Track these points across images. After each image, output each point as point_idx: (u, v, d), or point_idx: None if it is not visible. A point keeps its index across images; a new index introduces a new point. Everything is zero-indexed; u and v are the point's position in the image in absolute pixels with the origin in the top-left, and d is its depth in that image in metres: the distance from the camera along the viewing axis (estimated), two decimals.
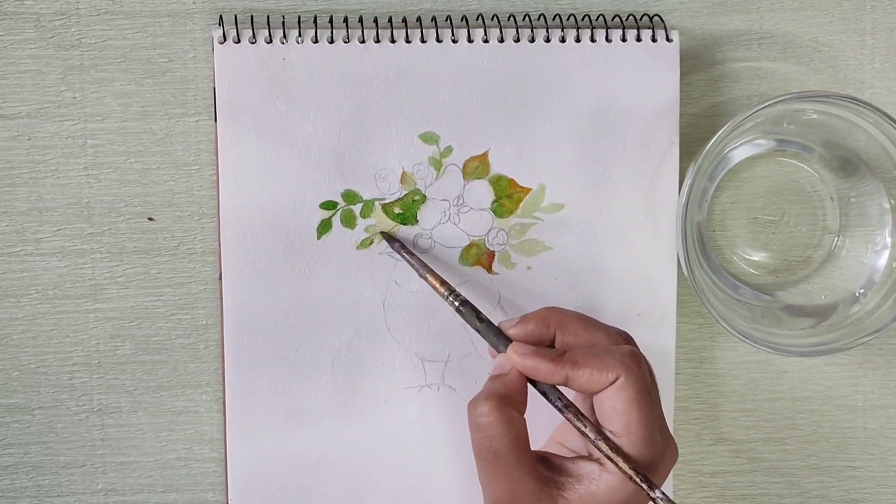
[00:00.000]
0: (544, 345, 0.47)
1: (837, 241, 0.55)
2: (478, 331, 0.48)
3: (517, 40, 0.52)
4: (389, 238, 0.52)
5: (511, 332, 0.47)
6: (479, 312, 0.49)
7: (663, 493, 0.44)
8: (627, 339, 0.48)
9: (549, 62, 0.52)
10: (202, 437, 0.54)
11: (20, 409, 0.54)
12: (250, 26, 0.51)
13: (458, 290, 0.50)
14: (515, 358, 0.46)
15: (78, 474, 0.54)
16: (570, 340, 0.47)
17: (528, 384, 0.47)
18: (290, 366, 0.52)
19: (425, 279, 0.50)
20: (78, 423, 0.54)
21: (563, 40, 0.52)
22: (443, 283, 0.50)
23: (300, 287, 0.52)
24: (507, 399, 0.45)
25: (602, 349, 0.46)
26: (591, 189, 0.53)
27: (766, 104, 0.49)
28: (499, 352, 0.48)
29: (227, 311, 0.52)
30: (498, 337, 0.48)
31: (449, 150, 0.52)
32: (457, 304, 0.49)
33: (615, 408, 0.44)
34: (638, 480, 0.44)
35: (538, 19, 0.53)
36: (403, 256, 0.52)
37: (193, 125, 0.53)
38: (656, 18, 0.53)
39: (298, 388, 0.52)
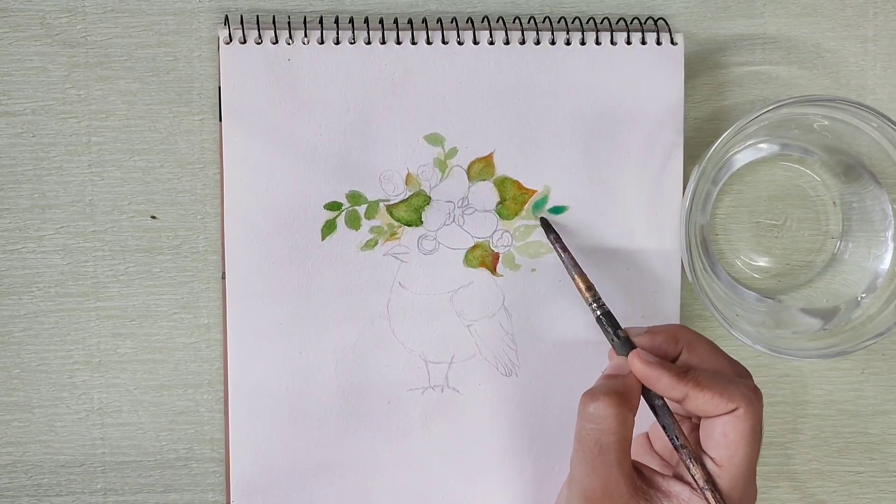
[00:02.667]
0: (668, 360, 0.47)
1: (840, 245, 0.56)
2: (612, 344, 0.48)
3: (522, 42, 0.52)
4: (547, 227, 0.52)
5: (638, 340, 0.48)
6: (619, 326, 0.49)
7: None
8: (748, 375, 0.48)
9: (554, 65, 0.52)
10: (203, 437, 0.54)
11: (20, 407, 0.53)
12: (256, 26, 0.51)
13: (598, 296, 0.50)
14: (637, 364, 0.46)
15: (77, 473, 0.54)
16: (695, 362, 0.47)
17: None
18: (293, 367, 0.52)
19: (573, 279, 0.50)
20: (78, 421, 0.53)
21: (568, 43, 0.52)
22: (589, 287, 0.50)
23: (304, 288, 0.52)
24: (626, 399, 0.46)
25: (725, 377, 0.46)
26: (596, 191, 0.53)
27: (770, 108, 0.49)
28: (619, 353, 0.48)
29: (230, 311, 0.52)
30: (625, 344, 0.48)
31: (454, 151, 0.53)
32: (598, 312, 0.49)
33: (727, 436, 0.45)
34: None
35: (543, 22, 0.53)
36: (557, 251, 0.51)
37: (198, 124, 0.53)
38: (661, 22, 0.53)
39: (302, 389, 0.52)
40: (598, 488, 0.45)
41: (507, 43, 0.52)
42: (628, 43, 0.53)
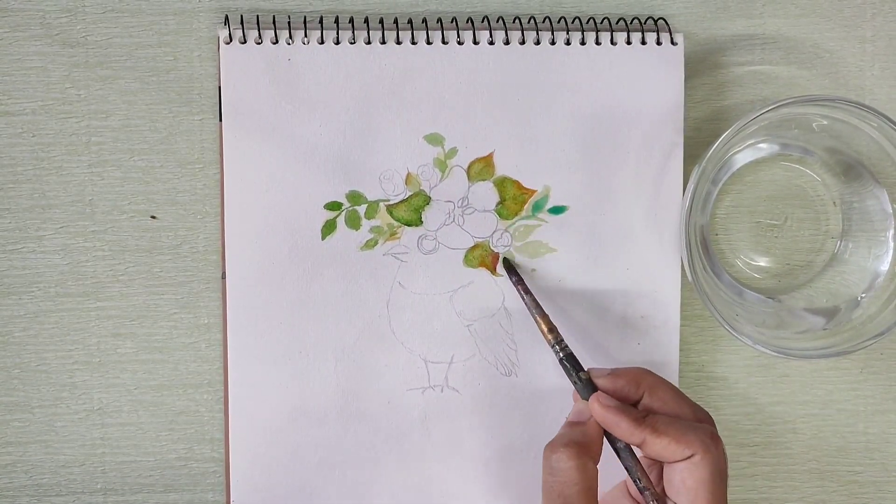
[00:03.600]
0: (629, 403, 0.48)
1: (840, 245, 0.56)
2: (574, 386, 0.49)
3: (522, 42, 0.52)
4: (510, 268, 0.52)
5: (600, 382, 0.48)
6: (581, 368, 0.49)
7: None
8: (708, 420, 0.48)
9: (554, 65, 0.52)
10: (203, 437, 0.54)
11: (20, 407, 0.53)
12: (256, 26, 0.51)
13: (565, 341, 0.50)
14: (597, 408, 0.47)
15: (77, 473, 0.54)
16: (657, 406, 0.47)
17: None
18: (293, 366, 0.52)
19: (535, 319, 0.51)
20: (78, 421, 0.53)
21: (567, 43, 0.53)
22: (551, 329, 0.50)
23: (304, 288, 0.52)
24: (586, 448, 0.46)
25: (684, 423, 0.46)
26: (596, 191, 0.53)
27: (770, 108, 0.50)
28: (583, 398, 0.48)
29: (230, 310, 0.52)
30: (587, 386, 0.48)
31: (454, 151, 0.53)
32: (561, 355, 0.49)
33: (685, 483, 0.45)
34: None
35: (543, 22, 0.53)
36: (520, 293, 0.51)
37: (198, 123, 0.53)
38: (661, 22, 0.53)
39: (302, 389, 0.52)
40: None
41: (507, 43, 0.52)
42: (628, 43, 0.53)
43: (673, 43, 0.53)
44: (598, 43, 0.53)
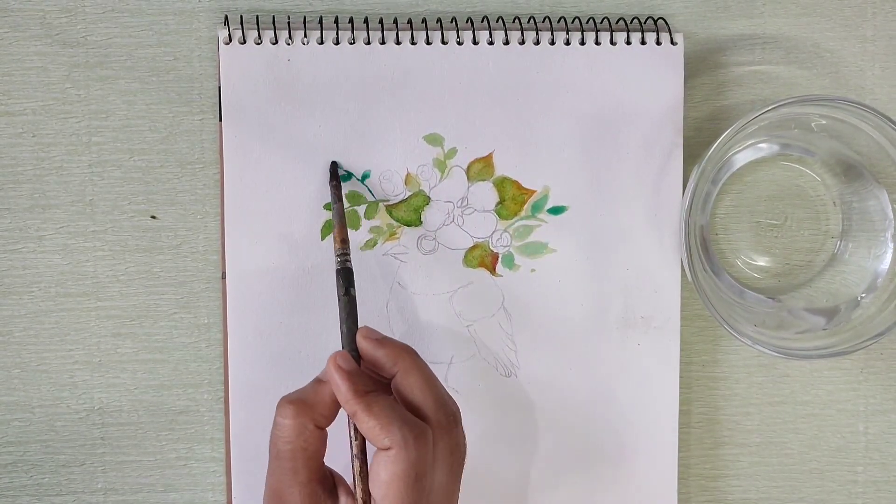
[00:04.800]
0: (384, 376, 0.46)
1: (840, 245, 0.56)
2: (338, 303, 0.47)
3: (522, 43, 0.52)
4: (334, 171, 0.51)
5: (362, 342, 0.47)
6: (351, 286, 0.48)
7: None
8: (451, 418, 0.46)
9: (554, 65, 0.52)
10: (203, 437, 0.54)
11: (21, 406, 0.53)
12: (256, 27, 0.51)
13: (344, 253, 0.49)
14: (330, 363, 0.46)
15: (78, 473, 0.54)
16: (403, 389, 0.46)
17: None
18: (293, 366, 0.52)
19: (335, 230, 0.50)
20: (78, 421, 0.54)
21: (567, 43, 0.52)
22: (343, 240, 0.49)
23: (304, 288, 0.52)
24: (310, 408, 0.45)
25: (401, 413, 0.44)
26: (595, 191, 0.53)
27: (770, 108, 0.49)
28: (342, 347, 0.47)
29: (230, 310, 0.52)
30: (349, 329, 0.47)
31: (453, 151, 0.53)
32: (338, 266, 0.48)
33: (378, 474, 0.44)
34: None
35: (543, 22, 0.53)
36: (332, 196, 0.50)
37: (198, 123, 0.53)
38: (660, 22, 0.53)
39: None
40: (273, 490, 0.45)
41: (506, 43, 0.52)
42: (628, 43, 0.53)
43: (673, 43, 0.53)
44: (597, 43, 0.52)
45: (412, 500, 0.43)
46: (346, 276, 0.48)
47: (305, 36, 0.51)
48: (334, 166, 0.51)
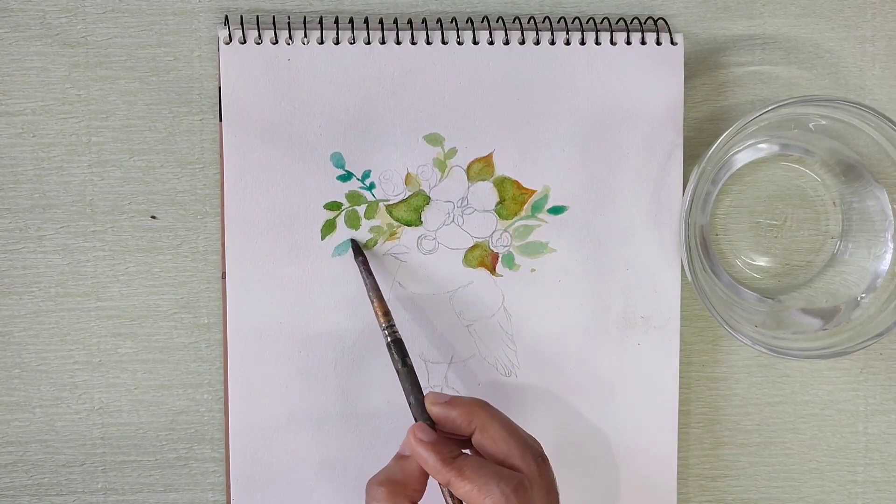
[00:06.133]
0: (463, 434, 0.47)
1: (840, 245, 0.56)
2: (397, 374, 0.48)
3: (522, 42, 0.52)
4: (357, 248, 0.52)
5: (432, 409, 0.47)
6: (407, 356, 0.49)
7: None
8: (539, 460, 0.46)
9: (554, 65, 0.52)
10: (203, 437, 0.54)
11: (21, 406, 0.53)
12: (256, 27, 0.51)
13: (395, 324, 0.50)
14: (412, 440, 0.46)
15: (78, 473, 0.54)
16: (486, 444, 0.46)
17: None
18: (293, 366, 0.52)
19: (371, 301, 0.50)
20: (78, 421, 0.54)
21: (567, 43, 0.52)
22: (386, 313, 0.50)
23: (304, 288, 0.52)
24: (401, 486, 0.46)
25: (493, 470, 0.45)
26: (595, 191, 0.53)
27: (770, 108, 0.49)
28: (414, 419, 0.48)
29: (230, 310, 0.52)
30: (418, 399, 0.48)
31: (453, 151, 0.53)
32: (389, 339, 0.49)
33: None
34: None
35: (543, 22, 0.53)
36: (361, 272, 0.51)
37: (198, 124, 0.53)
38: (661, 22, 0.53)
39: (301, 389, 0.52)
40: None
41: (506, 43, 0.52)
42: (628, 43, 0.53)
43: (673, 43, 0.53)
44: (597, 43, 0.52)
45: None
46: (399, 349, 0.49)
47: (305, 36, 0.51)
48: (356, 244, 0.52)
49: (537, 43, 0.52)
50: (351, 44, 0.52)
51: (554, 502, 0.46)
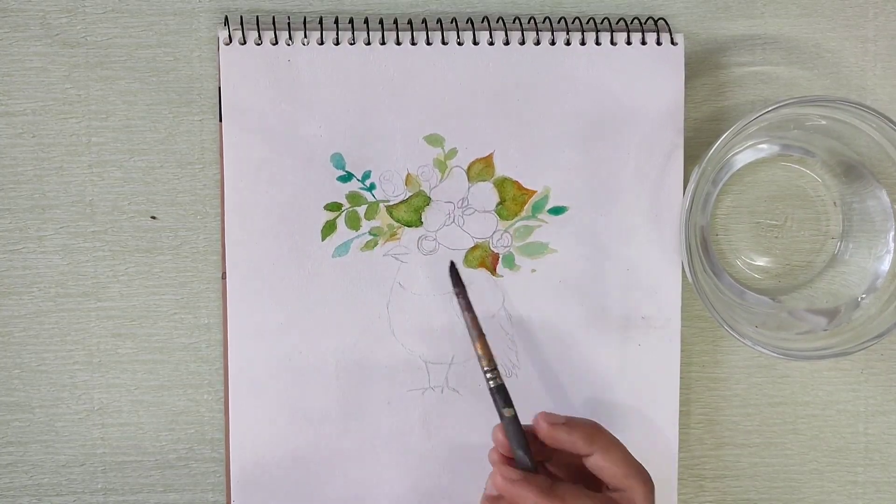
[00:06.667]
0: (576, 454, 0.47)
1: (840, 245, 0.56)
2: (501, 420, 0.48)
3: (522, 43, 0.52)
4: (455, 275, 0.50)
5: (548, 432, 0.47)
6: (510, 404, 0.48)
7: None
8: (646, 485, 0.47)
9: (554, 65, 0.52)
10: (203, 437, 0.54)
11: (21, 407, 0.53)
12: (256, 27, 0.51)
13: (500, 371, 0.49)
14: (501, 482, 0.46)
15: (78, 473, 0.54)
16: (604, 466, 0.46)
17: None
18: (293, 367, 0.52)
19: (472, 341, 0.49)
20: (78, 421, 0.54)
21: (567, 43, 0.52)
22: (489, 358, 0.48)
23: (304, 288, 0.52)
24: None
25: (587, 494, 0.45)
26: (596, 192, 0.53)
27: (770, 108, 0.49)
28: (510, 440, 0.47)
29: (230, 311, 0.52)
30: (517, 436, 0.47)
31: (454, 151, 0.53)
32: (491, 384, 0.48)
33: None
34: None
35: (543, 22, 0.53)
36: (460, 305, 0.49)
37: (198, 124, 0.53)
38: (661, 22, 0.53)
39: (302, 390, 0.52)
40: None
41: (507, 43, 0.52)
42: (628, 43, 0.53)
43: (673, 43, 0.53)
44: (598, 43, 0.52)
45: None
46: (503, 396, 0.48)
47: (305, 36, 0.51)
48: (454, 270, 0.50)
49: (537, 43, 0.52)
50: (351, 44, 0.52)
51: None
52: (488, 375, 0.48)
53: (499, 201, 0.53)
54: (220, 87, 0.51)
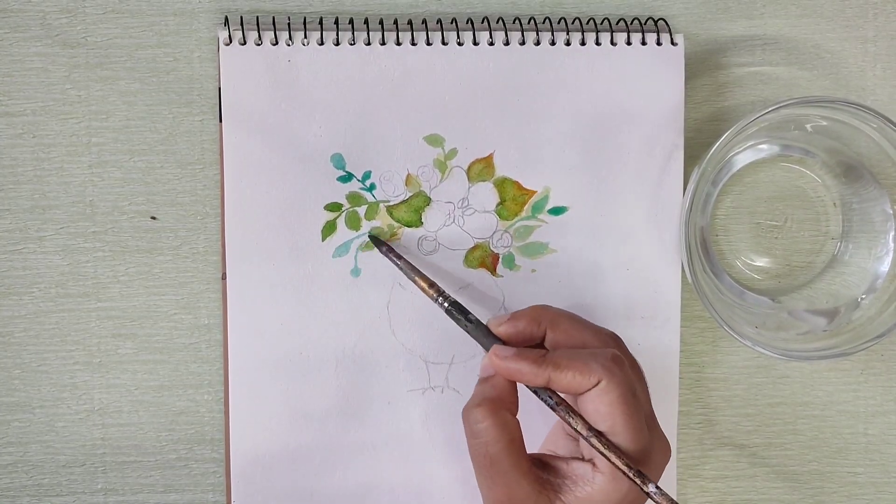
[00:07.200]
0: (534, 342, 0.47)
1: (840, 246, 0.56)
2: (467, 331, 0.49)
3: (522, 43, 0.52)
4: (377, 241, 0.52)
5: (500, 330, 0.48)
6: (468, 313, 0.49)
7: (657, 487, 0.44)
8: (616, 340, 0.48)
9: (554, 65, 0.52)
10: (203, 438, 0.54)
11: (21, 407, 0.53)
12: (256, 28, 0.51)
13: (449, 292, 0.50)
14: (496, 361, 0.46)
15: (78, 473, 0.54)
16: (561, 339, 0.47)
17: (520, 384, 0.47)
18: (293, 367, 0.52)
19: (414, 282, 0.50)
20: (79, 422, 0.54)
21: (567, 43, 0.52)
22: (431, 284, 0.50)
23: (304, 288, 0.52)
24: (499, 402, 0.46)
25: (585, 352, 0.46)
26: (596, 192, 0.53)
27: (770, 109, 0.49)
28: (482, 346, 0.48)
29: (230, 311, 0.52)
30: (487, 337, 0.48)
31: (454, 152, 0.53)
32: (446, 304, 0.49)
33: (598, 410, 0.45)
34: (630, 475, 0.44)
35: (543, 22, 0.53)
36: (391, 259, 0.51)
37: (198, 124, 0.53)
38: (661, 22, 0.53)
39: (302, 390, 0.52)
40: (503, 497, 0.45)
41: (506, 44, 0.52)
42: (628, 44, 0.53)
43: (673, 44, 0.53)
44: (598, 44, 0.52)
45: (636, 415, 0.45)
46: (459, 309, 0.49)
47: (305, 37, 0.51)
48: (374, 238, 0.52)
49: (538, 44, 0.52)
50: (351, 45, 0.52)
51: (640, 375, 0.47)
52: (440, 300, 0.49)
53: (499, 201, 0.53)
54: (220, 88, 0.51)
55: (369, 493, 0.53)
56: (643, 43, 0.53)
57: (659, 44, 0.53)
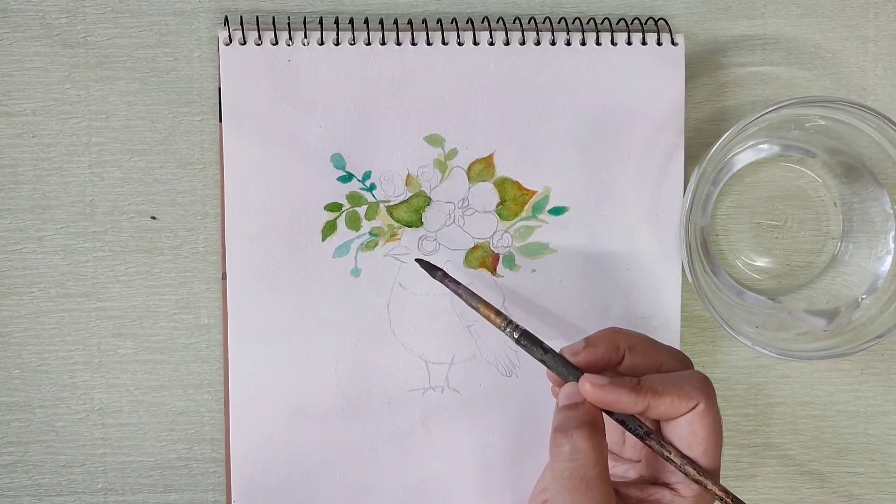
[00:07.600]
0: (611, 368, 0.47)
1: (840, 246, 0.56)
2: (543, 362, 0.47)
3: (523, 43, 0.52)
4: (429, 267, 0.50)
5: (578, 359, 0.46)
6: (542, 342, 0.47)
7: None
8: (686, 360, 0.47)
9: (555, 65, 0.52)
10: (203, 438, 0.54)
11: (21, 407, 0.53)
12: (256, 27, 0.51)
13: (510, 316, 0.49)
14: (591, 390, 0.45)
15: (78, 473, 0.54)
16: (639, 362, 0.46)
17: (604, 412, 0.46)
18: (294, 367, 0.52)
19: (476, 310, 0.49)
20: (78, 421, 0.54)
21: (568, 43, 0.52)
22: (498, 313, 0.48)
23: (304, 288, 0.52)
24: (597, 427, 0.44)
25: (675, 376, 0.45)
26: (596, 192, 0.53)
27: (771, 109, 0.49)
28: (566, 381, 0.46)
29: (230, 311, 0.52)
30: (566, 367, 0.46)
31: (454, 152, 0.53)
32: (515, 335, 0.48)
33: (695, 434, 0.44)
34: (729, 501, 0.44)
35: (543, 22, 0.53)
36: (448, 286, 0.50)
37: (198, 124, 0.53)
38: (661, 22, 0.53)
39: (302, 390, 0.52)
40: None
41: (507, 43, 0.52)
42: (629, 43, 0.53)
43: (673, 43, 0.53)
44: (598, 43, 0.52)
45: (721, 443, 0.45)
46: (531, 339, 0.47)
47: (306, 37, 0.51)
48: (425, 263, 0.51)
49: (538, 43, 0.52)
50: (351, 44, 0.52)
51: (712, 391, 0.46)
52: (507, 330, 0.48)
53: (499, 201, 0.53)
54: (220, 88, 0.51)
55: (369, 492, 0.53)
56: (643, 43, 0.53)
57: (659, 44, 0.53)
